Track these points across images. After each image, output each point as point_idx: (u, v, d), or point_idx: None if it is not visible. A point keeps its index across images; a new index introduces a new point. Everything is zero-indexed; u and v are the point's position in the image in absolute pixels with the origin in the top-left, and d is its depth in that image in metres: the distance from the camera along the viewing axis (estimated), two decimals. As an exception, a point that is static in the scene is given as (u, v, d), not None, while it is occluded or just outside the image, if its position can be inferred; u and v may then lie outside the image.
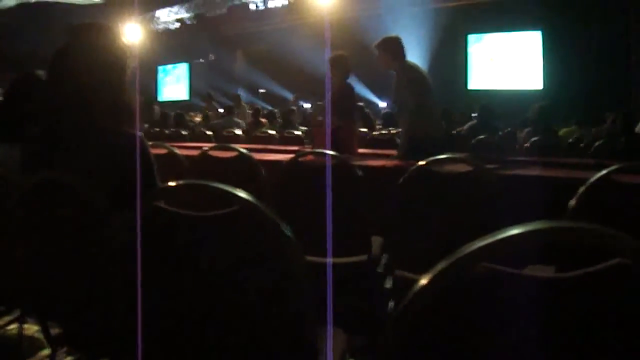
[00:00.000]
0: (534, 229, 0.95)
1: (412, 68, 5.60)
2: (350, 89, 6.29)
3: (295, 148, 6.12)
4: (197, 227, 1.57)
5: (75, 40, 2.37)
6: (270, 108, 16.77)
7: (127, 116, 2.36)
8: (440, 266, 0.99)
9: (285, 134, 8.71)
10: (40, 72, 3.19)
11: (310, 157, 3.38)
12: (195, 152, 4.34)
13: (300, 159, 3.29)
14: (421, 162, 2.93)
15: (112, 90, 2.33)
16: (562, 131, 9.14)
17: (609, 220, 2.29)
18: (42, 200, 2.18)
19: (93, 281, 2.12)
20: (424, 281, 1.01)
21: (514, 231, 0.95)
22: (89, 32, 2.39)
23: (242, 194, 1.44)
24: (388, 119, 11.50)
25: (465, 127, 8.29)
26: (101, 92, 2.29)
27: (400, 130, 6.10)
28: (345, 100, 6.13)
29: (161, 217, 1.61)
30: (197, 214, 1.54)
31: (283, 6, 20.59)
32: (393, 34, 5.76)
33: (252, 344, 1.61)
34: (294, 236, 1.45)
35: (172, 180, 1.59)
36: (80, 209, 2.08)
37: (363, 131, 9.11)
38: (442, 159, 2.95)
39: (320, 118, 6.77)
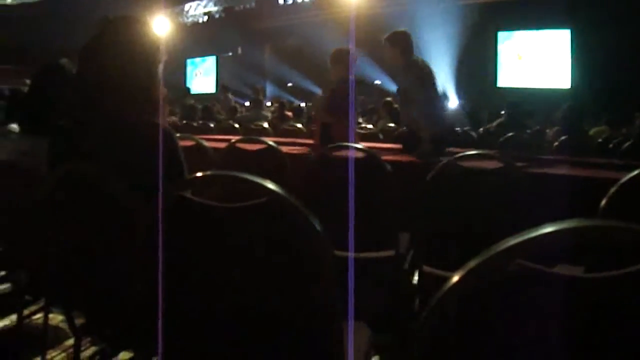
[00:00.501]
0: (570, 226, 0.93)
1: (420, 63, 5.58)
2: (347, 87, 6.02)
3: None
4: (224, 219, 1.56)
5: (108, 32, 2.37)
6: (297, 102, 16.81)
7: (156, 109, 2.36)
8: (472, 263, 0.97)
9: (312, 128, 8.68)
10: (64, 61, 3.19)
11: (338, 151, 3.35)
12: (222, 145, 4.33)
13: (328, 153, 3.28)
14: (450, 158, 2.91)
15: (143, 83, 2.33)
16: (592, 131, 9.06)
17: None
18: (69, 192, 2.18)
19: (118, 272, 2.13)
20: (455, 278, 0.99)
21: (549, 229, 0.93)
22: (122, 24, 2.39)
23: (271, 185, 1.43)
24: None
25: (494, 124, 8.23)
26: (131, 84, 2.29)
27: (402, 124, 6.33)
28: (340, 96, 5.92)
29: (188, 207, 1.61)
30: (224, 205, 1.53)
31: (311, 1, 20.56)
32: (403, 28, 5.75)
33: (277, 337, 1.60)
34: (323, 230, 1.44)
35: (200, 172, 1.58)
36: (107, 200, 2.08)
37: (391, 126, 9.08)
38: (471, 154, 2.93)
39: (313, 113, 6.76)
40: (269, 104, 19.06)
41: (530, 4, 17.77)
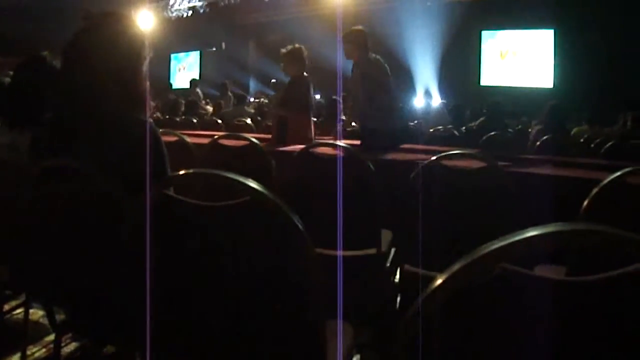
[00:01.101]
0: (555, 230, 0.93)
1: (372, 62, 5.90)
2: (303, 82, 6.58)
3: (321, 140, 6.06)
4: (206, 217, 1.56)
5: (92, 27, 2.36)
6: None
7: (140, 104, 2.35)
8: (457, 266, 0.97)
9: (268, 124, 8.66)
10: (46, 54, 3.16)
11: (321, 148, 3.35)
12: (205, 140, 4.32)
13: (311, 150, 3.27)
14: (433, 158, 2.92)
15: (126, 78, 2.32)
16: (574, 130, 9.10)
17: (621, 223, 2.28)
18: (51, 186, 2.17)
19: (100, 267, 2.12)
20: (439, 281, 0.99)
21: (534, 232, 0.93)
22: (107, 19, 2.38)
23: (253, 184, 1.43)
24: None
25: (477, 123, 8.25)
26: (115, 79, 2.28)
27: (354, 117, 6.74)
28: (296, 92, 6.47)
29: (170, 205, 1.60)
30: (207, 204, 1.53)
31: (296, -4, 20.55)
32: (358, 26, 6.07)
33: (260, 335, 1.60)
34: (304, 228, 1.44)
35: (182, 169, 1.57)
36: (89, 195, 2.07)
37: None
38: (454, 154, 2.93)
39: (266, 110, 7.08)
40: (252, 99, 19.03)
41: (514, 3, 17.86)
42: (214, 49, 25.64)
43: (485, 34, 20.02)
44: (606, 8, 15.94)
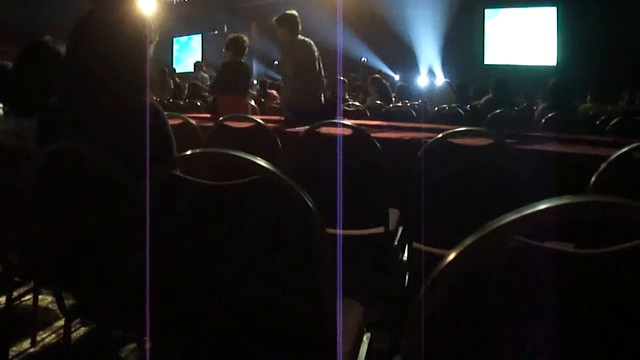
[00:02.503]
0: (568, 202, 0.92)
1: (301, 44, 6.52)
2: (241, 67, 7.37)
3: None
4: (216, 196, 1.56)
5: (98, 9, 2.35)
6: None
7: (145, 87, 2.35)
8: (469, 240, 0.97)
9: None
10: (48, 38, 3.15)
11: (327, 128, 3.34)
12: (210, 123, 4.32)
13: (317, 130, 3.26)
14: (439, 135, 2.91)
15: (133, 61, 2.32)
16: (581, 108, 9.07)
17: (629, 198, 2.27)
18: (58, 170, 2.17)
19: (108, 251, 2.12)
20: (451, 256, 0.98)
21: (546, 205, 0.93)
22: (113, 2, 2.38)
23: (262, 162, 1.42)
24: (402, 92, 11.45)
25: (482, 101, 8.22)
26: (121, 63, 2.28)
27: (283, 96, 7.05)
28: (223, 75, 7.33)
29: (179, 186, 1.60)
30: (216, 183, 1.52)
31: (298, -22, 20.42)
32: (293, 10, 6.77)
33: (270, 315, 1.60)
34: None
35: (188, 150, 1.57)
36: (96, 178, 2.07)
37: (379, 104, 9.06)
38: (461, 131, 2.92)
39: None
40: (255, 82, 18.97)
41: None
42: (216, 32, 25.56)
43: (488, 12, 19.95)
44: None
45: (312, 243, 1.45)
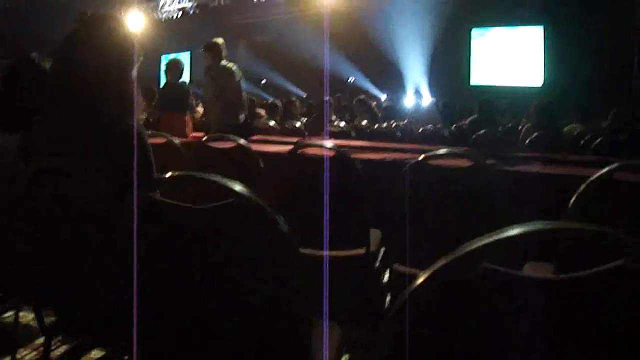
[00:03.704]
0: (533, 229, 0.93)
1: (223, 69, 7.30)
2: (180, 87, 8.20)
3: (295, 139, 6.13)
4: (191, 219, 1.56)
5: (84, 28, 2.37)
6: (271, 99, 16.75)
7: (129, 107, 2.36)
8: (438, 264, 0.98)
9: (286, 125, 8.70)
10: (35, 55, 3.16)
11: (309, 149, 3.34)
12: (193, 142, 4.32)
13: (299, 151, 3.26)
14: (421, 157, 2.91)
15: (117, 82, 2.33)
16: (566, 128, 9.10)
17: (609, 219, 2.28)
18: (40, 187, 2.17)
19: (89, 269, 2.12)
20: (421, 278, 0.99)
21: (513, 231, 0.93)
22: (98, 22, 2.40)
23: (237, 186, 1.43)
24: (388, 112, 11.48)
25: (467, 121, 8.25)
26: (104, 82, 2.29)
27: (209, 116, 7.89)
28: (165, 96, 8.09)
29: (156, 207, 1.60)
30: (191, 206, 1.53)
31: (285, -3, 20.52)
32: (219, 38, 7.66)
33: (245, 335, 1.59)
34: (291, 228, 1.44)
35: (170, 170, 1.58)
36: (76, 196, 2.07)
37: (365, 124, 9.08)
38: (441, 154, 2.93)
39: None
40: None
41: (503, 0, 17.89)
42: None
43: (475, 31, 20.04)
44: (594, 4, 15.99)
45: (286, 265, 1.45)
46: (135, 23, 21.42)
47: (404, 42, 19.37)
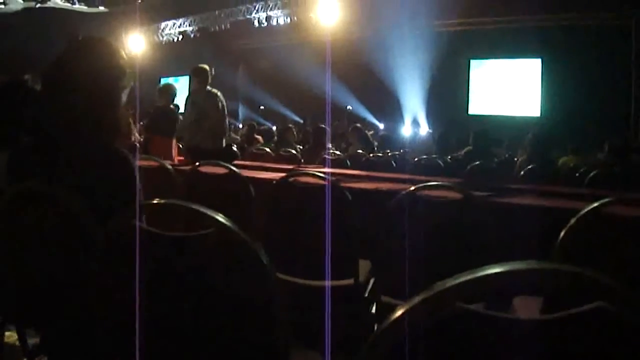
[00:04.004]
0: (510, 269, 0.92)
1: (208, 94, 7.40)
2: (170, 111, 8.50)
3: (290, 167, 6.14)
4: (170, 246, 1.55)
5: (74, 51, 2.38)
6: (268, 124, 16.79)
7: (117, 132, 2.36)
8: (411, 303, 0.97)
9: (281, 152, 8.71)
10: (28, 77, 3.16)
11: (301, 177, 3.34)
12: (186, 167, 4.32)
13: (290, 180, 3.26)
14: (412, 188, 2.91)
15: (105, 106, 2.33)
16: (561, 160, 9.11)
17: (598, 254, 2.27)
18: (25, 209, 2.17)
19: (71, 292, 2.11)
20: (398, 313, 0.98)
21: (490, 271, 0.93)
22: (89, 46, 2.41)
23: (219, 216, 1.42)
24: (385, 141, 11.49)
25: (462, 152, 8.25)
26: (94, 107, 2.29)
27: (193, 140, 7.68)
28: (156, 119, 8.36)
29: (137, 234, 1.59)
30: (170, 234, 1.52)
31: (286, 23, 20.57)
32: (205, 65, 7.78)
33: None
34: (270, 260, 1.43)
35: (162, 194, 1.58)
36: (62, 219, 2.06)
37: (360, 153, 9.08)
38: (430, 185, 2.93)
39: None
40: (240, 126, 19.03)
41: (502, 32, 18.01)
42: (204, 74, 25.72)
43: (473, 62, 20.14)
44: (592, 36, 16.10)
45: (265, 295, 1.44)
46: (135, 46, 21.53)
47: (403, 72, 19.46)
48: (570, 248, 2.39)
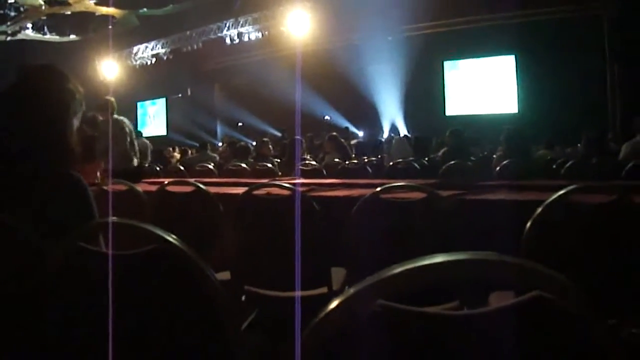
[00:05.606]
0: (428, 264, 0.90)
1: (115, 122, 8.10)
2: (88, 139, 8.28)
3: (265, 180, 6.12)
4: (118, 266, 1.53)
5: (23, 79, 2.37)
6: (247, 141, 16.80)
7: (68, 157, 2.35)
8: (331, 304, 0.95)
9: (257, 167, 8.68)
10: None
11: (267, 189, 3.32)
12: (154, 188, 4.30)
13: (256, 192, 3.24)
14: (376, 190, 2.90)
15: (56, 131, 2.32)
16: (538, 154, 9.14)
17: (564, 241, 2.26)
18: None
19: (22, 316, 2.09)
20: (322, 313, 0.96)
21: (408, 266, 0.91)
22: (37, 73, 2.41)
23: (159, 232, 1.40)
24: (361, 149, 11.53)
25: (440, 153, 8.26)
26: (44, 133, 2.29)
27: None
28: (86, 149, 8.33)
29: (84, 256, 1.57)
30: (116, 253, 1.50)
31: (257, 39, 20.57)
32: (110, 97, 8.31)
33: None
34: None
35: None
36: (8, 245, 2.04)
37: (337, 161, 9.07)
38: (393, 186, 2.92)
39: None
40: (220, 144, 19.04)
41: (474, 32, 18.14)
42: (180, 95, 25.78)
43: (447, 64, 20.25)
44: (564, 30, 16.22)
45: (214, 312, 1.42)
46: (109, 72, 21.54)
47: (379, 79, 19.57)
48: (538, 237, 2.38)
